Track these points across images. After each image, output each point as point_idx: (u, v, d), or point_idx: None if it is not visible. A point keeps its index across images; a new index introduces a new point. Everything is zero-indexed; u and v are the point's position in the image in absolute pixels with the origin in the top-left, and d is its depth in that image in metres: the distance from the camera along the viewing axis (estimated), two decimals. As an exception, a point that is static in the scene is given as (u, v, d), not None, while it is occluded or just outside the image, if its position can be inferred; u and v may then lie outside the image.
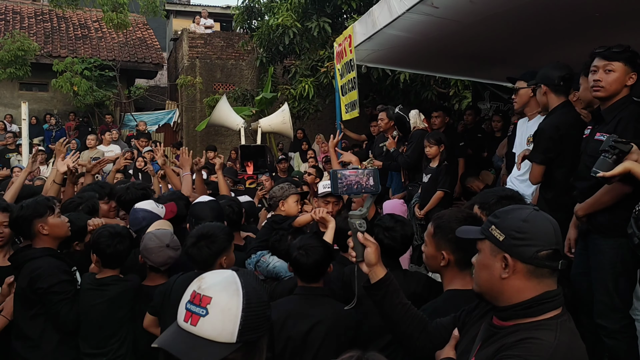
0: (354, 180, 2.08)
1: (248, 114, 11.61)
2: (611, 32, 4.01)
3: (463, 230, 1.78)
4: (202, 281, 1.34)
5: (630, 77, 2.86)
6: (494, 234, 1.58)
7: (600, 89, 2.90)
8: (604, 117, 2.95)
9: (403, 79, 8.37)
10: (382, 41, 5.17)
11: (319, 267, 2.58)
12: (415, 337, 1.91)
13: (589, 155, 2.92)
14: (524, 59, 4.96)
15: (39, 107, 15.00)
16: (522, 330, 1.51)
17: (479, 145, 6.92)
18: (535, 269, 1.52)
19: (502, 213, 1.62)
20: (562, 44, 4.46)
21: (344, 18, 10.27)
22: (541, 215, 1.58)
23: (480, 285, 1.65)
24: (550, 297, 1.53)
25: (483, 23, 4.13)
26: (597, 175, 2.50)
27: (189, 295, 1.31)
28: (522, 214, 1.57)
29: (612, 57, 2.85)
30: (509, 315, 1.57)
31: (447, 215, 2.22)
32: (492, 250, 1.58)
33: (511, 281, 1.54)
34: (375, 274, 1.94)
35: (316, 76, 9.64)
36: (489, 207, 2.43)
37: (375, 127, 7.56)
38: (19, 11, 17.00)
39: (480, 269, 1.64)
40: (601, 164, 2.50)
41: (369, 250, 1.94)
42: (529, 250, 1.52)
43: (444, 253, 2.13)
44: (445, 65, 6.33)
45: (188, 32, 15.95)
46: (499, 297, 1.59)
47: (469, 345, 1.69)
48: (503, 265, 1.55)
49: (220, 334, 1.26)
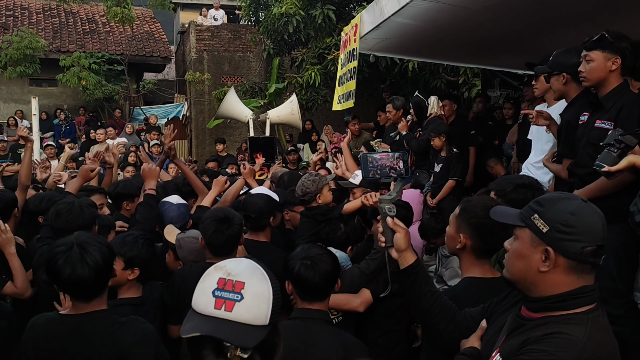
0: (385, 163, 2.06)
1: (257, 105, 11.60)
2: (622, 17, 3.94)
3: (499, 212, 1.66)
4: (226, 268, 1.35)
5: (613, 62, 2.88)
6: (536, 223, 1.47)
7: (584, 79, 2.97)
8: (603, 104, 2.95)
9: (412, 68, 8.32)
10: (390, 30, 5.12)
11: (327, 283, 2.18)
12: (443, 326, 1.88)
13: (590, 143, 2.93)
14: (534, 45, 4.90)
15: (49, 103, 15.10)
16: (550, 324, 1.44)
17: (490, 133, 6.87)
18: (577, 264, 1.44)
19: (546, 201, 1.51)
20: (573, 30, 4.38)
21: (350, 7, 10.22)
22: (590, 208, 1.48)
23: (513, 273, 1.56)
24: (586, 292, 1.46)
25: (492, 9, 4.07)
26: (601, 170, 2.47)
27: (214, 282, 1.31)
28: (569, 206, 1.47)
29: (590, 47, 2.92)
30: (539, 307, 1.50)
31: (476, 200, 2.20)
32: (533, 241, 1.48)
33: (550, 275, 1.46)
34: (404, 260, 1.90)
35: (323, 64, 9.61)
36: (505, 194, 2.42)
37: (383, 116, 7.54)
38: (27, 7, 17.08)
39: (515, 257, 1.54)
40: (605, 157, 2.47)
41: (399, 236, 1.90)
42: (574, 246, 1.43)
43: (462, 236, 2.11)
44: (454, 53, 6.27)
45: (195, 25, 15.93)
46: (533, 288, 1.52)
47: (494, 335, 1.64)
48: (543, 257, 1.46)
49: (256, 317, 1.29)
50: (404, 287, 1.95)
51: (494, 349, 1.56)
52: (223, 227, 2.62)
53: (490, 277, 2.08)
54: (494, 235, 1.99)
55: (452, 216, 2.20)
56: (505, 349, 1.51)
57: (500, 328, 1.63)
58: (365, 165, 2.06)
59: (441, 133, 5.29)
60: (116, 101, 14.99)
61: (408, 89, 9.10)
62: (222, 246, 2.63)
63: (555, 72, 3.46)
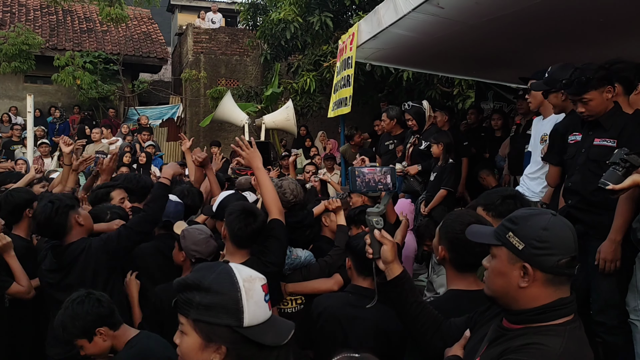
0: (371, 177, 2.13)
1: (253, 110, 11.65)
2: (615, 36, 4.04)
3: (474, 232, 1.71)
4: (256, 274, 1.43)
5: (607, 92, 2.99)
6: (512, 241, 1.52)
7: (588, 117, 3.05)
8: (602, 124, 3.04)
9: (406, 77, 8.40)
10: (387, 40, 5.19)
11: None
12: (429, 336, 1.93)
13: (591, 160, 3.03)
14: (529, 60, 4.98)
15: (43, 100, 15.04)
16: (530, 334, 1.49)
17: (482, 144, 6.94)
18: (554, 277, 1.50)
19: (519, 219, 1.55)
20: (567, 46, 4.48)
21: (348, 15, 10.31)
22: (560, 222, 1.53)
23: (494, 290, 1.61)
24: (563, 304, 1.51)
25: (488, 25, 4.14)
26: (606, 188, 2.53)
27: (261, 291, 1.39)
28: (541, 222, 1.51)
29: (581, 92, 3.00)
30: (519, 320, 1.55)
31: (456, 214, 2.26)
32: (510, 258, 1.53)
33: (529, 289, 1.51)
34: (391, 271, 1.96)
35: (319, 71, 9.68)
36: (495, 207, 2.46)
37: (378, 125, 7.59)
38: (24, 4, 17.03)
39: (495, 275, 1.58)
40: (610, 175, 2.54)
41: (386, 248, 1.96)
42: (550, 260, 1.48)
43: (441, 248, 2.18)
44: (450, 64, 6.35)
45: (193, 27, 15.97)
46: (513, 303, 1.57)
47: (477, 344, 1.69)
48: (522, 273, 1.51)
49: None
50: (390, 298, 2.00)
51: (475, 358, 1.61)
52: (249, 220, 2.74)
53: (474, 290, 2.12)
54: (468, 251, 2.04)
55: (438, 227, 2.26)
56: (485, 358, 1.56)
57: (482, 338, 1.68)
58: (354, 179, 2.13)
59: (439, 142, 5.34)
60: (111, 101, 14.96)
61: (403, 98, 9.18)
62: (247, 239, 2.77)
63: (554, 90, 3.55)
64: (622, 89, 3.11)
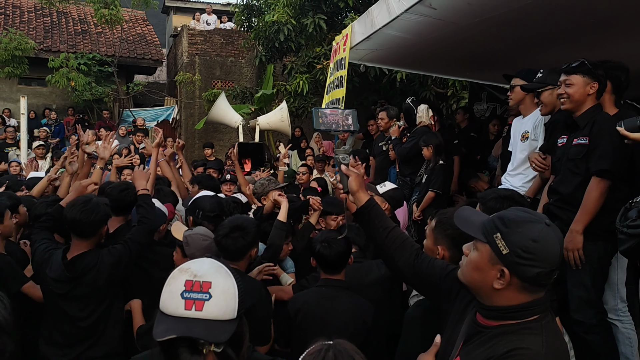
0: (334, 119, 2.25)
1: (247, 111, 11.65)
2: (605, 37, 4.07)
3: (463, 217, 1.67)
4: (191, 270, 1.43)
5: (591, 87, 3.08)
6: (497, 243, 1.49)
7: (565, 100, 3.14)
8: (578, 124, 3.15)
9: (400, 78, 8.42)
10: (380, 41, 5.20)
11: (341, 259, 2.70)
12: (396, 259, 1.99)
13: (570, 159, 3.13)
14: (521, 61, 5.00)
15: (37, 102, 15.01)
16: (508, 334, 1.49)
17: (473, 145, 6.96)
18: (531, 285, 1.49)
19: (511, 223, 1.50)
20: (558, 47, 4.51)
21: (342, 16, 10.32)
22: (551, 235, 1.48)
23: (468, 281, 1.60)
24: (537, 304, 1.51)
25: (480, 25, 4.17)
26: (618, 127, 2.68)
27: (182, 285, 1.39)
28: (533, 231, 1.47)
29: (570, 72, 3.11)
30: (493, 316, 1.54)
31: (450, 212, 2.23)
32: (491, 258, 1.51)
33: (503, 291, 1.51)
34: (358, 200, 2.09)
35: (312, 73, 9.69)
36: (486, 202, 2.48)
37: (373, 126, 7.60)
38: (18, 5, 16.99)
39: (472, 268, 1.57)
40: (629, 122, 2.67)
41: (351, 179, 2.10)
42: (530, 271, 1.45)
43: (440, 248, 2.16)
44: (443, 65, 6.37)
45: (188, 29, 15.97)
46: (486, 298, 1.56)
47: (452, 337, 1.67)
48: (498, 275, 1.49)
49: (225, 313, 1.39)
50: (362, 227, 2.14)
51: (454, 353, 1.60)
52: (235, 234, 2.66)
53: None
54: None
55: (429, 229, 2.26)
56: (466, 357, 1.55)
57: (456, 330, 1.67)
58: (317, 119, 2.24)
59: (429, 144, 5.35)
60: (105, 103, 14.94)
61: (397, 99, 9.20)
62: (233, 252, 2.68)
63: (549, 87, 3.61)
64: (611, 87, 3.20)
